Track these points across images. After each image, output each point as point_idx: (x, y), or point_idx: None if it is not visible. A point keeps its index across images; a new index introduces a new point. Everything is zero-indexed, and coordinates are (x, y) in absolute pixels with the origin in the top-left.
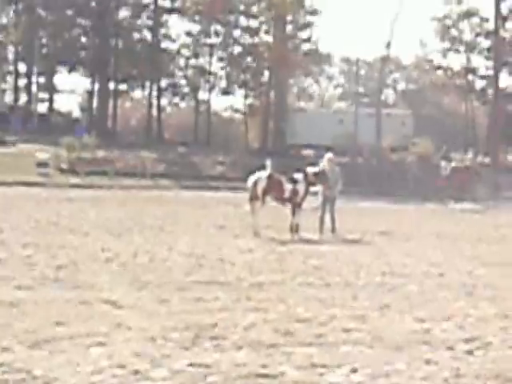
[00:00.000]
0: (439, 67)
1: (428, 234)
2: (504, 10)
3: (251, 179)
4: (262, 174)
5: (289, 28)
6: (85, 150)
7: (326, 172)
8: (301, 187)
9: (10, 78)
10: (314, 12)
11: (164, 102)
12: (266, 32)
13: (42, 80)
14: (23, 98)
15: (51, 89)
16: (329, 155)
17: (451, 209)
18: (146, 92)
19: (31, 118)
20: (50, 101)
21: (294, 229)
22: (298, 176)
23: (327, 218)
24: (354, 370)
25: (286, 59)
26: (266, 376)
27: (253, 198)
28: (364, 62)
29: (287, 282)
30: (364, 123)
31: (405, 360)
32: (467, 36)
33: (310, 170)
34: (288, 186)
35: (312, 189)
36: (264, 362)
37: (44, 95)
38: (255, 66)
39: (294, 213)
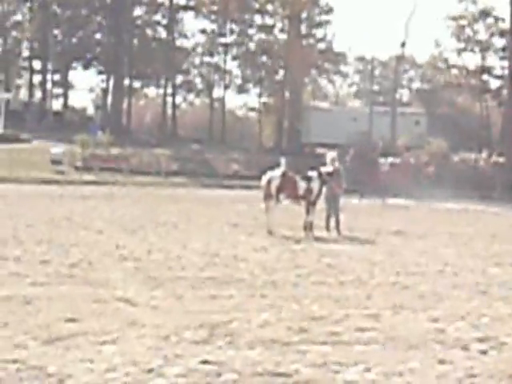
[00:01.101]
0: (454, 66)
1: (441, 232)
2: None
3: (265, 177)
4: (276, 173)
5: (304, 26)
6: (99, 147)
7: (339, 171)
8: (315, 186)
9: (24, 75)
10: (328, 10)
11: (178, 99)
12: (281, 30)
13: (56, 77)
14: (38, 95)
15: (66, 86)
16: (332, 154)
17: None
18: (161, 89)
19: (46, 115)
20: (65, 98)
21: (308, 227)
22: (312, 174)
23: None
24: (368, 369)
25: (300, 57)
26: (280, 374)
27: (267, 197)
28: (379, 61)
29: (301, 280)
30: (378, 122)
31: (418, 359)
32: (482, 36)
33: (324, 168)
34: (302, 185)
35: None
36: (278, 360)
37: (59, 92)
38: (270, 65)
39: (308, 211)
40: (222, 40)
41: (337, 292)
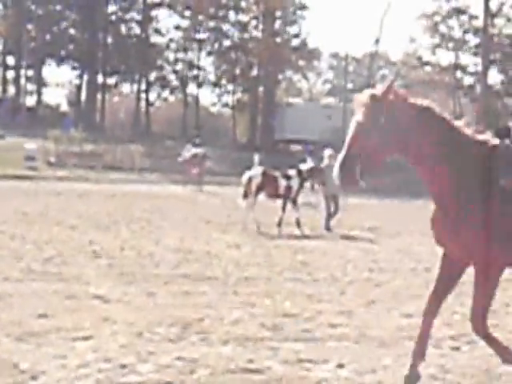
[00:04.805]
0: (428, 63)
1: (415, 229)
2: (493, 7)
3: (246, 175)
4: (257, 171)
5: (278, 23)
6: (72, 143)
7: (321, 169)
8: (294, 183)
9: None
10: (303, 7)
11: (152, 96)
12: (255, 27)
13: (30, 73)
14: (11, 91)
15: (39, 82)
16: (329, 151)
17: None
18: (135, 86)
19: (19, 110)
20: (39, 94)
21: (296, 224)
22: (292, 172)
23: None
24: (341, 366)
25: (275, 54)
26: (252, 371)
27: (246, 194)
28: (353, 58)
29: (274, 277)
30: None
31: (391, 356)
32: (456, 33)
33: (303, 166)
34: (282, 183)
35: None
36: (251, 356)
37: (32, 88)
38: (244, 61)
39: (284, 208)
40: (196, 36)
41: (310, 289)
